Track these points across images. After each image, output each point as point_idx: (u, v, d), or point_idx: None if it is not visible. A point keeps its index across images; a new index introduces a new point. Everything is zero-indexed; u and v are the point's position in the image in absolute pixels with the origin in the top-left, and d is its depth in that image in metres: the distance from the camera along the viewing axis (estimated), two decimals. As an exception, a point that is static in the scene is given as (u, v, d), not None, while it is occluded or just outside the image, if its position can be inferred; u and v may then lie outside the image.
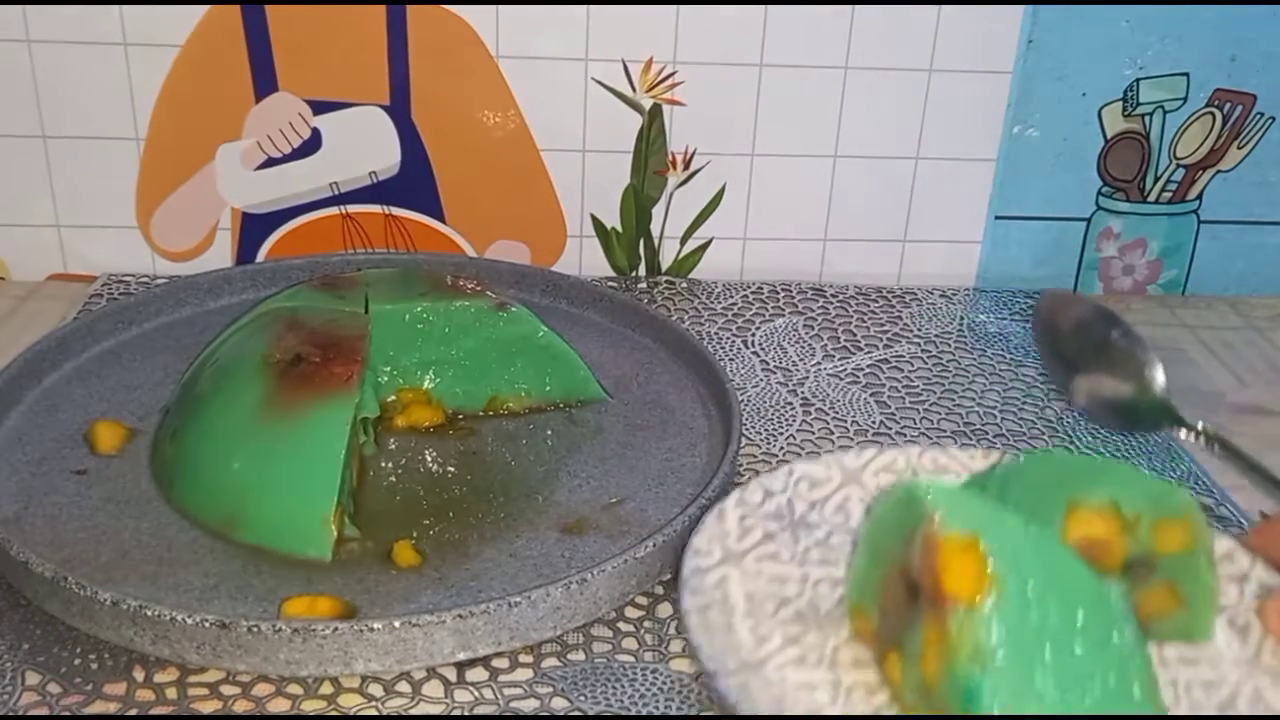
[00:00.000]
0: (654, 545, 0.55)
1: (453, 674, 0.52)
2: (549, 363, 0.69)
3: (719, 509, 0.52)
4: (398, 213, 0.86)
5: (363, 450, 0.63)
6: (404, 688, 0.51)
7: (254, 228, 0.85)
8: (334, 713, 0.49)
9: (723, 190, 0.87)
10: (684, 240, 0.88)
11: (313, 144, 0.83)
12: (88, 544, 0.56)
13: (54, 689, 0.50)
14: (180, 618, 0.49)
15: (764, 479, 0.54)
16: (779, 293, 0.86)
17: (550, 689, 0.51)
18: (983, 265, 0.91)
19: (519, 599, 0.51)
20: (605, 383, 0.71)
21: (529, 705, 0.50)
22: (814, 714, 0.45)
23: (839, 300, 0.86)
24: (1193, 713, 0.47)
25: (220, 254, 0.86)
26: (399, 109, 0.83)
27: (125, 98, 0.81)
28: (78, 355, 0.71)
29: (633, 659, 0.53)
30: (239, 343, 0.64)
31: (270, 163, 0.84)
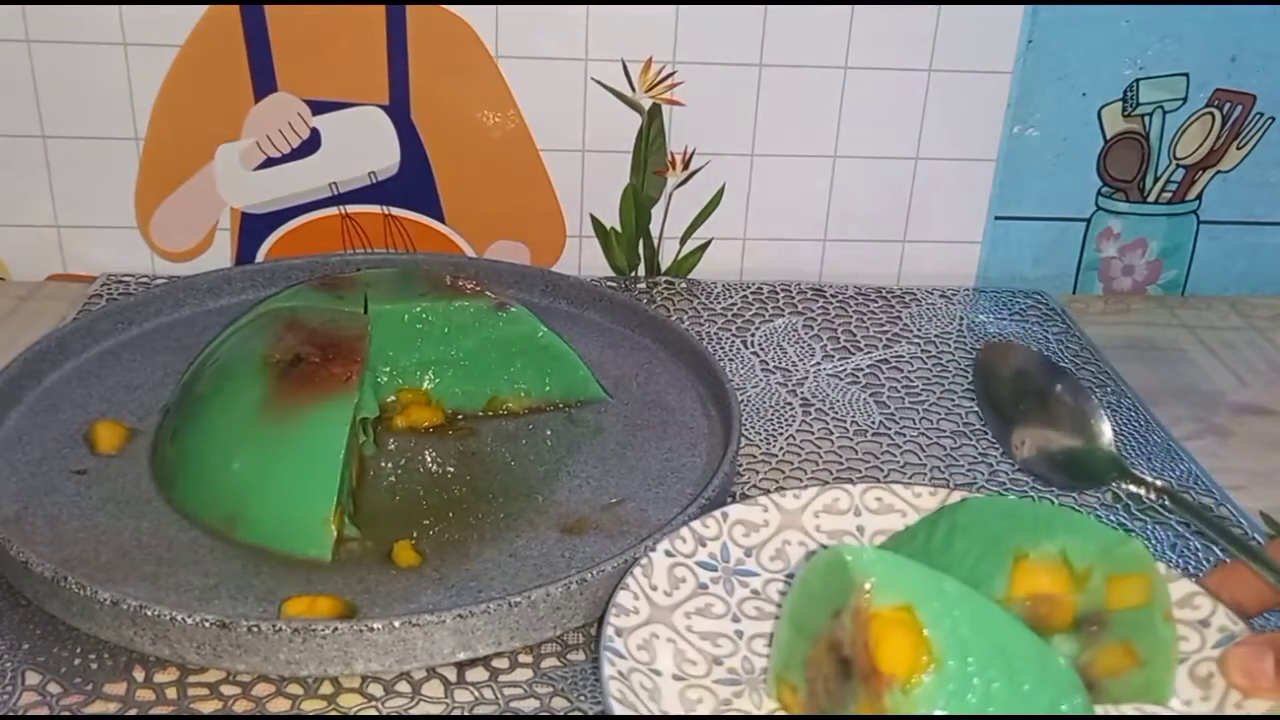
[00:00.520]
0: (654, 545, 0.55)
1: (453, 674, 0.52)
2: (548, 363, 0.69)
3: (647, 559, 0.50)
4: (397, 213, 0.86)
5: (362, 450, 0.63)
6: (404, 688, 0.51)
7: (253, 228, 0.85)
8: (334, 713, 0.49)
9: (722, 190, 0.87)
10: (683, 240, 0.88)
11: (312, 144, 0.83)
12: (88, 544, 0.56)
13: (54, 689, 0.50)
14: (180, 618, 0.49)
15: (696, 525, 0.52)
16: (779, 293, 0.86)
17: (550, 689, 0.51)
18: (982, 265, 0.91)
19: (519, 599, 0.51)
20: (605, 383, 0.71)
21: (529, 705, 0.50)
22: None
23: (839, 300, 0.86)
24: None
25: (220, 254, 0.86)
26: (398, 109, 0.83)
27: (124, 98, 0.81)
28: (78, 355, 0.71)
29: (633, 659, 0.53)
30: (239, 343, 0.64)
31: (269, 163, 0.83)
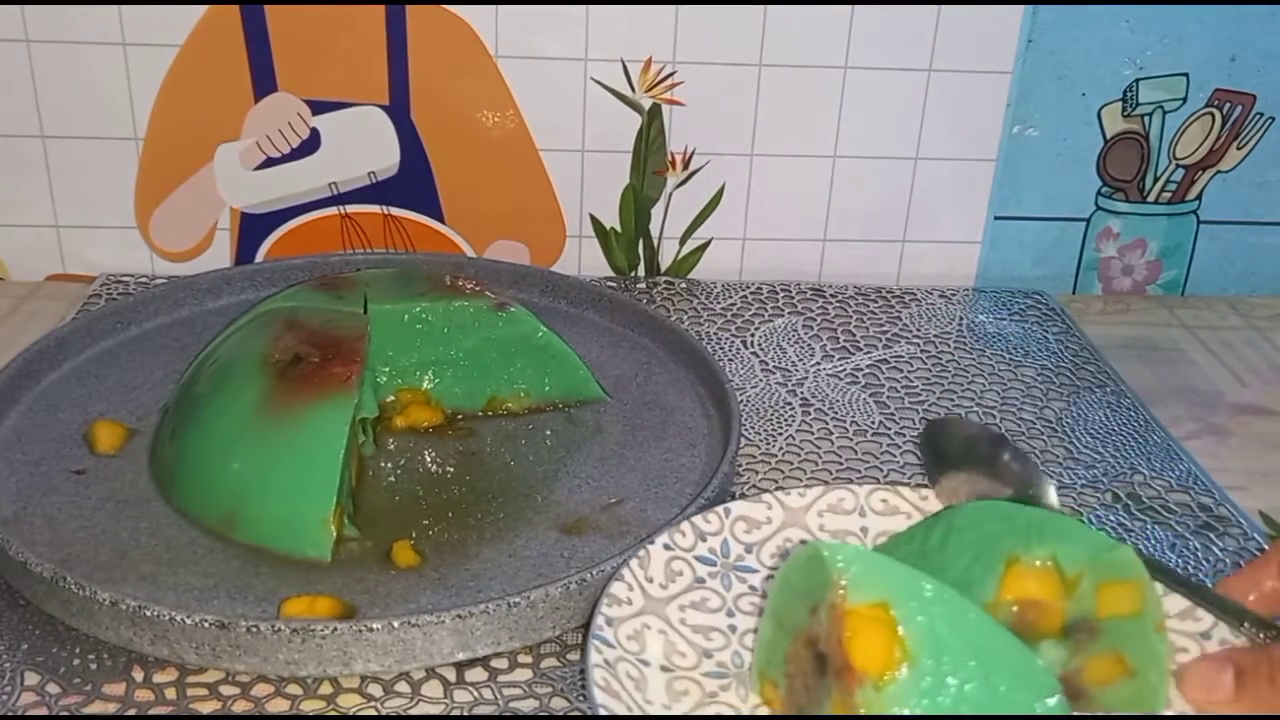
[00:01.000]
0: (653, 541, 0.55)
1: (452, 674, 0.51)
2: (548, 363, 0.69)
3: (644, 552, 0.50)
4: (397, 213, 0.86)
5: (362, 450, 0.63)
6: (403, 688, 0.51)
7: (253, 228, 0.85)
8: (333, 713, 0.49)
9: (722, 190, 0.87)
10: (683, 240, 0.88)
11: (312, 144, 0.83)
12: (86, 544, 0.56)
13: (53, 689, 0.50)
14: (179, 618, 0.49)
15: (698, 519, 0.52)
16: (778, 293, 0.86)
17: (550, 689, 0.51)
18: (982, 265, 0.91)
19: (518, 599, 0.51)
20: (604, 383, 0.71)
21: (529, 705, 0.50)
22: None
23: (838, 300, 0.86)
24: None
25: (219, 254, 0.85)
26: (398, 109, 0.83)
27: (124, 98, 0.81)
28: (77, 355, 0.71)
29: (632, 659, 0.53)
30: (238, 343, 0.64)
31: (269, 163, 0.83)
